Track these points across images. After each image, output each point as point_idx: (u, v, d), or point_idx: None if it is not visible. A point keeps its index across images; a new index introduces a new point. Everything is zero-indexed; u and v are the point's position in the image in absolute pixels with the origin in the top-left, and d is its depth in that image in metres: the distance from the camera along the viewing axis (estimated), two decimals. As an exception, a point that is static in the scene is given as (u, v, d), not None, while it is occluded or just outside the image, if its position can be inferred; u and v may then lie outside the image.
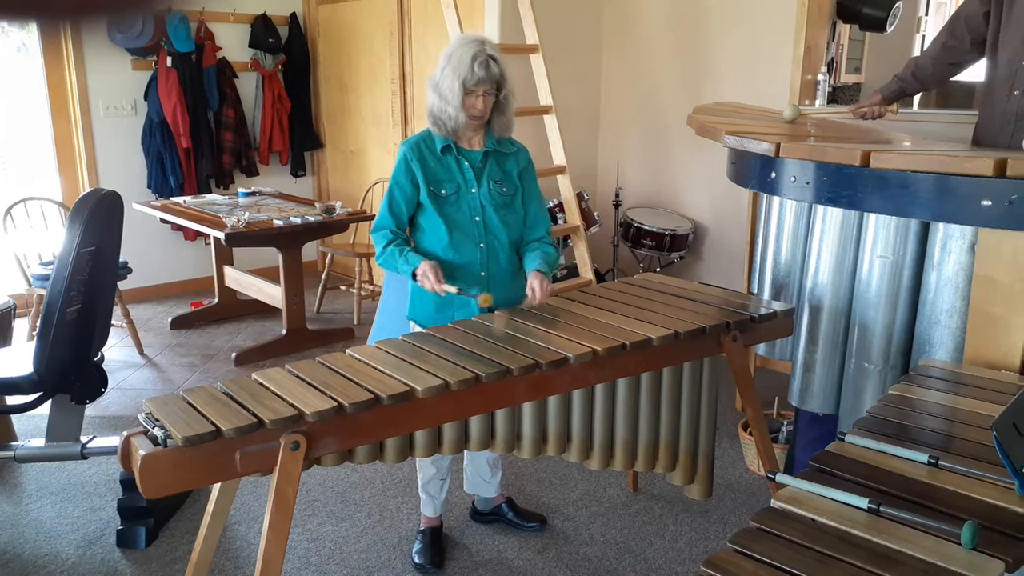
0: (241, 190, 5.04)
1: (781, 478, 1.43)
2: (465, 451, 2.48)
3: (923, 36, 5.67)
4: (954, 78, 2.99)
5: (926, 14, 5.71)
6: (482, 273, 2.32)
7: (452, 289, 2.17)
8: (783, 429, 3.14)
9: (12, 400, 2.89)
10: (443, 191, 2.29)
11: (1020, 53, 2.58)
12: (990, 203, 1.90)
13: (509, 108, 2.32)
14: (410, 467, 3.11)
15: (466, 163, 2.32)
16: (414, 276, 2.21)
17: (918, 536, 1.25)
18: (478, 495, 2.75)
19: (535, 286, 2.24)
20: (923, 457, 1.48)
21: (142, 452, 1.51)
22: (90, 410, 3.03)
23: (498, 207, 2.32)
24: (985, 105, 2.77)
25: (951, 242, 2.08)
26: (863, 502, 1.31)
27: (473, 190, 2.31)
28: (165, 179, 5.26)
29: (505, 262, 2.36)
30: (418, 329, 2.29)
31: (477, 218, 2.30)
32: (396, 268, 2.26)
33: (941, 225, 2.09)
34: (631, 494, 2.96)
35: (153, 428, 1.55)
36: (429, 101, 2.29)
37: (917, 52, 5.64)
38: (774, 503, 1.36)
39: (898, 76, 2.89)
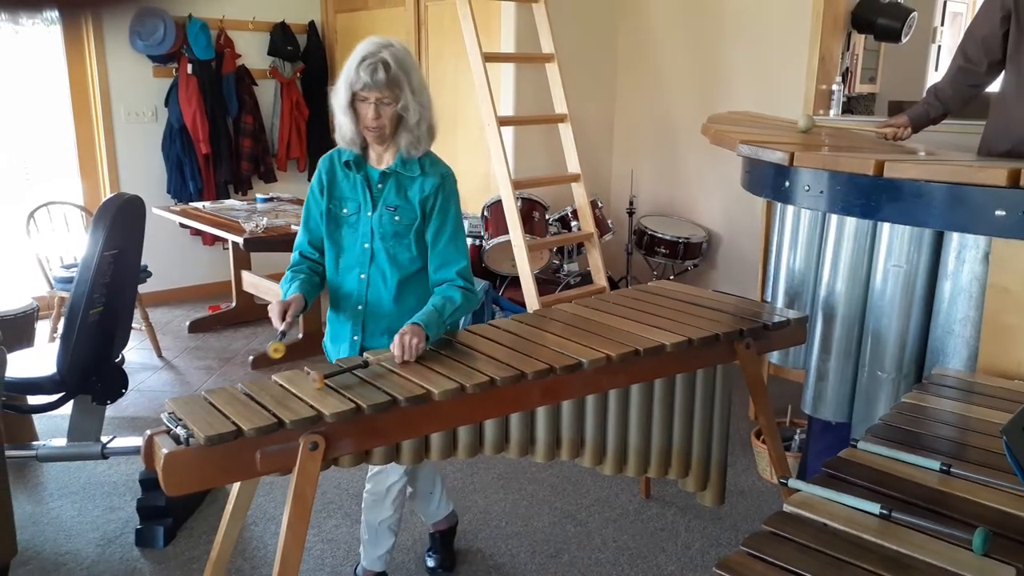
0: (259, 196, 5.10)
1: (793, 483, 1.44)
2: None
3: (938, 47, 5.67)
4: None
5: (942, 24, 5.71)
6: (359, 307, 2.11)
7: (280, 326, 1.95)
8: (796, 437, 3.15)
9: (34, 400, 2.94)
10: (344, 209, 2.10)
11: None
12: (1004, 213, 1.91)
13: (416, 124, 2.02)
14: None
15: (366, 182, 2.09)
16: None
17: (929, 542, 1.26)
18: (430, 522, 2.57)
19: (397, 343, 1.87)
20: (935, 464, 1.49)
21: (165, 450, 1.54)
22: (110, 411, 3.08)
23: (386, 236, 2.07)
24: (1001, 114, 2.77)
25: (965, 252, 2.09)
26: (875, 508, 1.33)
27: (368, 213, 2.08)
28: (184, 184, 5.33)
29: (388, 300, 2.10)
30: (330, 356, 2.19)
31: (366, 245, 2.08)
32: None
33: (955, 235, 2.10)
34: (644, 500, 2.97)
35: (176, 427, 1.58)
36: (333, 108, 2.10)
37: (932, 62, 5.64)
38: (786, 508, 1.37)
39: (922, 100, 2.89)
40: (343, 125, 2.05)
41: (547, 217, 4.29)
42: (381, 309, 2.12)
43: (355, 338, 2.15)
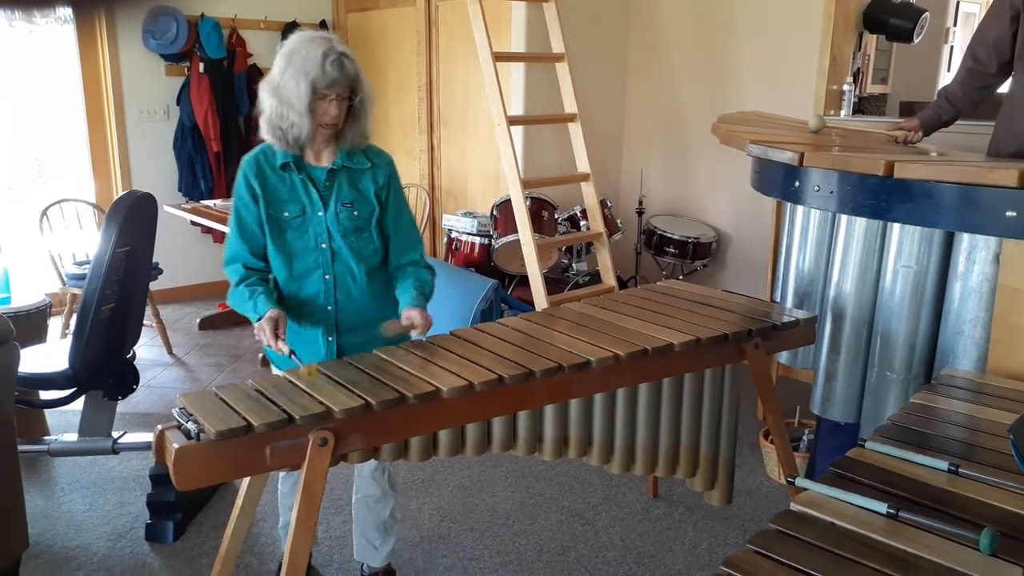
0: (269, 194, 5.12)
1: (801, 482, 1.45)
2: (353, 515, 2.36)
3: (951, 47, 5.64)
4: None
5: (954, 25, 5.68)
6: (328, 308, 2.06)
7: (285, 350, 1.88)
8: (804, 438, 3.14)
9: (47, 395, 2.97)
10: (285, 213, 2.01)
11: None
12: (1015, 214, 1.90)
13: (365, 115, 2.02)
14: (432, 467, 3.15)
15: (311, 182, 2.02)
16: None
17: (936, 541, 1.26)
18: (365, 563, 2.42)
19: (414, 317, 1.98)
20: (943, 464, 1.49)
21: (176, 445, 1.55)
22: (121, 407, 3.10)
23: (347, 232, 2.03)
24: (1009, 115, 2.76)
25: (975, 252, 2.08)
26: (882, 507, 1.33)
27: (320, 213, 2.01)
28: (196, 182, 5.37)
29: (358, 295, 2.08)
30: (275, 370, 2.07)
31: (323, 245, 2.02)
32: (245, 312, 1.97)
33: (965, 235, 2.09)
34: (651, 499, 2.98)
35: (187, 422, 1.59)
36: (266, 108, 1.97)
37: (944, 63, 5.61)
38: (793, 506, 1.37)
39: (933, 103, 2.88)
40: (297, 125, 1.93)
41: (556, 216, 4.29)
42: (352, 304, 2.08)
43: (329, 339, 2.09)
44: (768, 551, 1.25)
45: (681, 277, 4.50)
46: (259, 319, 1.91)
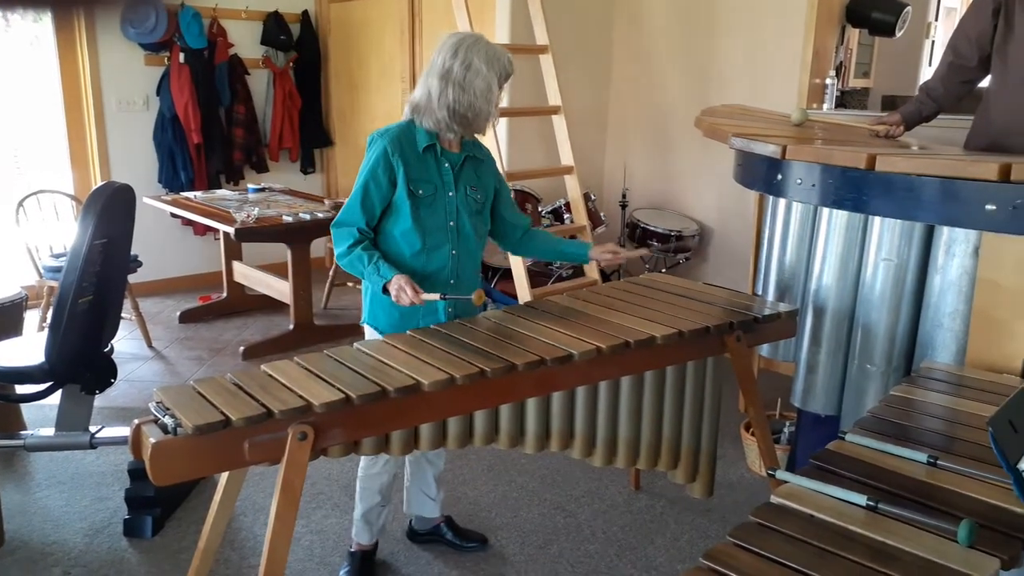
0: (251, 186, 5.08)
1: (781, 475, 1.45)
2: (407, 470, 2.55)
3: (932, 42, 5.68)
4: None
5: (936, 19, 5.71)
6: (451, 281, 2.22)
7: (434, 297, 2.06)
8: (785, 430, 3.16)
9: (23, 389, 2.92)
10: (420, 191, 2.15)
11: None
12: (994, 207, 1.91)
13: None
14: (414, 462, 3.13)
15: (446, 164, 2.19)
16: (385, 290, 2.07)
17: (916, 533, 1.26)
18: (419, 515, 2.61)
19: (614, 249, 2.39)
20: (922, 457, 1.49)
21: (152, 440, 1.53)
22: (99, 401, 3.06)
23: (472, 214, 2.23)
24: (984, 109, 2.78)
25: (955, 246, 2.09)
26: (862, 499, 1.33)
27: (450, 193, 2.19)
28: (176, 174, 5.31)
29: (471, 270, 2.29)
30: (375, 336, 2.21)
31: (452, 223, 2.19)
32: (361, 274, 2.11)
33: (945, 229, 2.10)
34: (633, 492, 2.98)
35: (164, 416, 1.57)
36: (444, 95, 2.10)
37: (926, 58, 5.64)
38: (774, 499, 1.38)
39: (914, 98, 2.88)
40: (484, 112, 2.13)
41: (540, 209, 4.28)
42: (467, 277, 2.28)
43: (449, 310, 2.25)
44: (748, 544, 1.25)
45: (664, 270, 4.50)
46: (385, 284, 2.05)
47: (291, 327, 4.41)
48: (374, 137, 2.17)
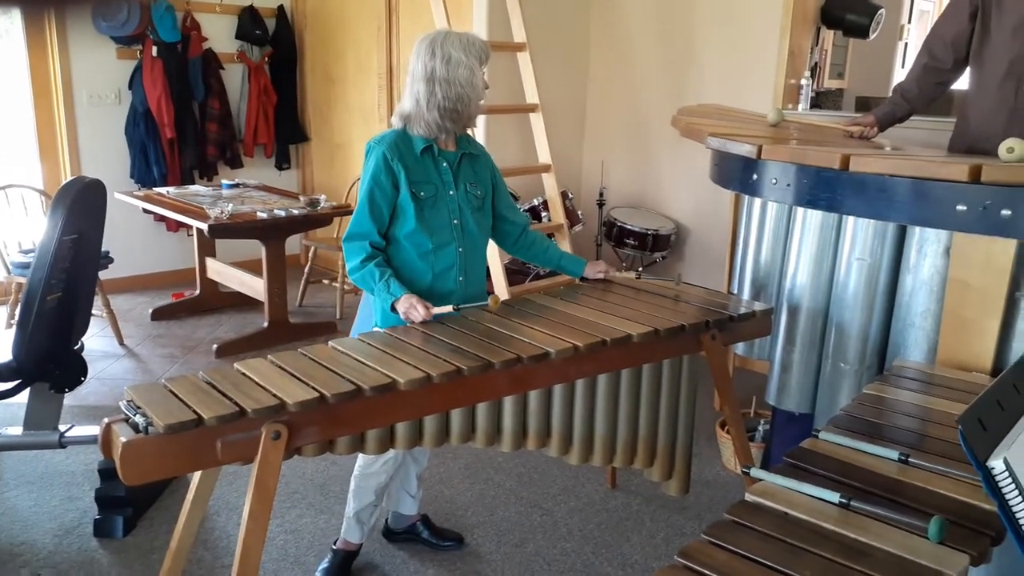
0: (225, 182, 5.02)
1: (755, 472, 1.46)
2: (401, 470, 2.51)
3: (905, 44, 5.75)
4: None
5: (909, 22, 5.79)
6: (460, 278, 2.25)
7: (447, 309, 2.10)
8: (760, 428, 3.19)
9: (-10, 388, 2.87)
10: (422, 193, 2.18)
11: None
12: (965, 208, 1.93)
13: None
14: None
15: (444, 164, 2.22)
16: (393, 308, 2.09)
17: (887, 530, 1.28)
18: (396, 511, 2.61)
19: (605, 267, 2.51)
20: (894, 454, 1.51)
21: (123, 439, 1.51)
22: (69, 399, 3.02)
23: (474, 210, 2.27)
24: (963, 112, 2.81)
25: (927, 246, 2.12)
26: (834, 497, 1.34)
27: (451, 192, 2.22)
28: (148, 169, 5.23)
29: (478, 266, 2.32)
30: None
31: (455, 221, 2.23)
32: (372, 290, 2.15)
33: (917, 229, 2.13)
34: (609, 489, 2.99)
35: (134, 415, 1.55)
36: (433, 96, 2.13)
37: (899, 59, 5.71)
38: (748, 497, 1.39)
39: (888, 99, 2.90)
40: (474, 101, 2.17)
41: (518, 207, 4.27)
42: (475, 275, 2.31)
43: (459, 307, 2.24)
44: (723, 541, 1.25)
45: (641, 269, 4.52)
46: (393, 302, 2.08)
47: (265, 325, 4.37)
48: (371, 145, 2.20)
